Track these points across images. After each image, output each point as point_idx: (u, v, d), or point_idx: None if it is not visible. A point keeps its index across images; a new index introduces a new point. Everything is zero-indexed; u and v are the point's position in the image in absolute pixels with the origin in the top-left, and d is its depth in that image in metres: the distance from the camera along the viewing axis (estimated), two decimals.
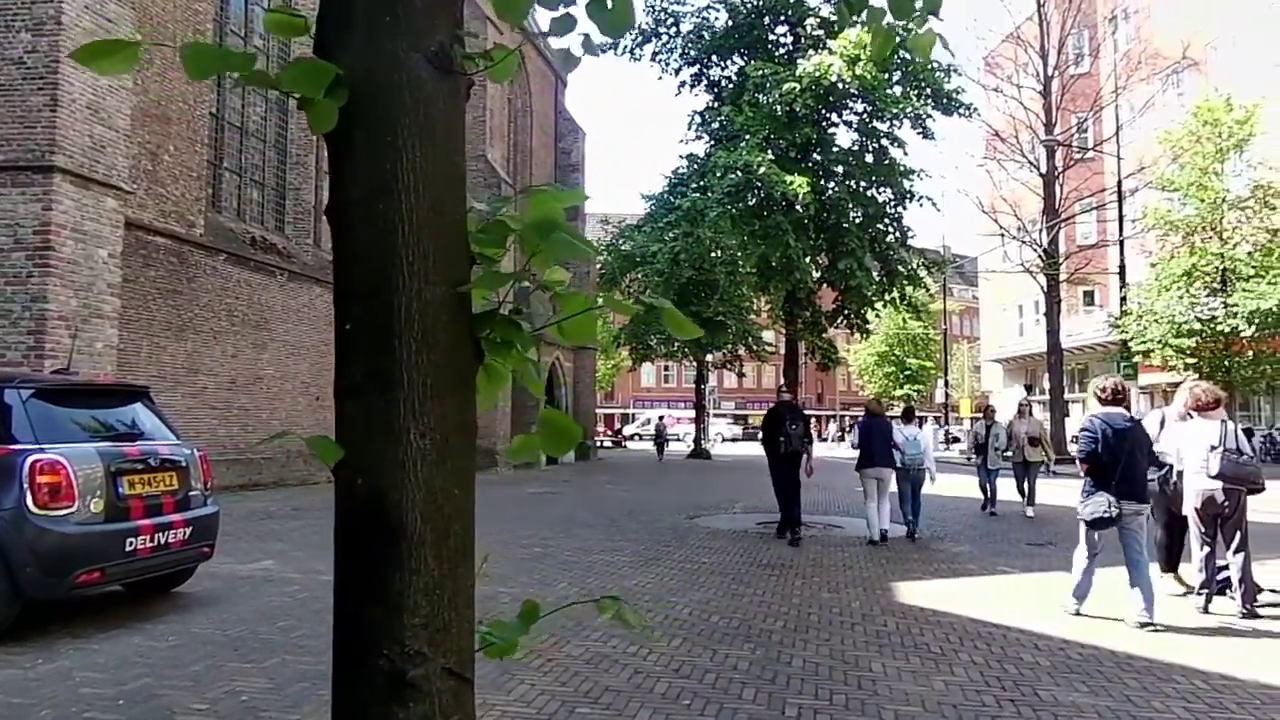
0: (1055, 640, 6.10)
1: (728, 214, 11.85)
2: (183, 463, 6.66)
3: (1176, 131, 25.45)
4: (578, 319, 1.55)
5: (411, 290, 1.43)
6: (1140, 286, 26.34)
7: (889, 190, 13.00)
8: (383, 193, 1.44)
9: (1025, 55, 30.82)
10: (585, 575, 8.26)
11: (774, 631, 6.22)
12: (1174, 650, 5.84)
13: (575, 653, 5.56)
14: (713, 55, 13.80)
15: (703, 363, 35.20)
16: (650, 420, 59.56)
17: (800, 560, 9.45)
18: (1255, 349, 22.87)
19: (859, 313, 13.16)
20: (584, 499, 16.81)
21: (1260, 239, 23.10)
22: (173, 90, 14.50)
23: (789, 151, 12.41)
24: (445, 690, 1.40)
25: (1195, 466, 6.97)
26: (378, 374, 1.42)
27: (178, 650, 5.46)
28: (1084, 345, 35.50)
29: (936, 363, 49.75)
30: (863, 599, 7.42)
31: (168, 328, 14.38)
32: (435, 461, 1.42)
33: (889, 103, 12.27)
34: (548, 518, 13.11)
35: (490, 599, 7.03)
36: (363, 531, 1.40)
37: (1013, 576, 8.65)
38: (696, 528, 12.29)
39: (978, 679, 5.16)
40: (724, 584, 7.97)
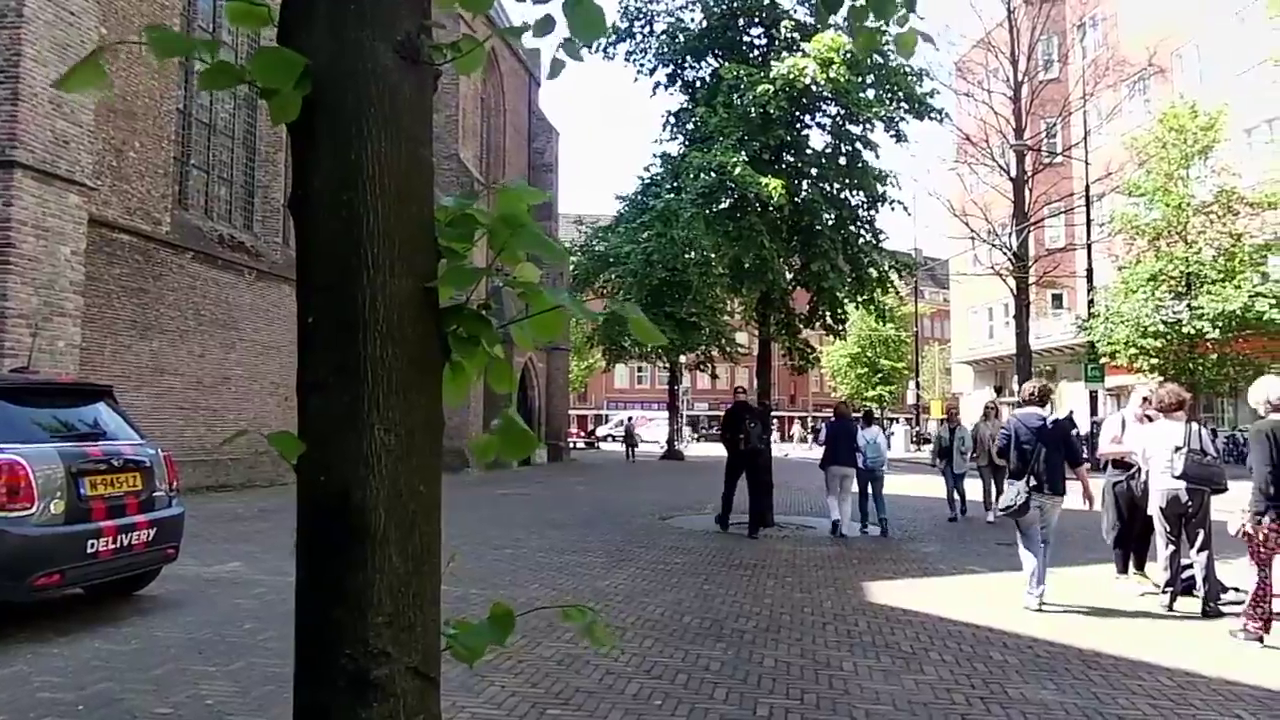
0: (1024, 638, 6.16)
1: (701, 215, 11.84)
2: (147, 463, 6.55)
3: (1143, 137, 25.85)
4: (545, 317, 1.53)
5: (376, 283, 1.40)
6: (1107, 290, 26.72)
7: (862, 193, 13.05)
8: (347, 184, 1.41)
9: (996, 61, 31.17)
10: (557, 576, 8.22)
11: (746, 631, 6.22)
12: (1140, 648, 5.91)
13: (546, 654, 5.53)
14: (687, 56, 13.76)
15: (676, 364, 35.25)
16: (623, 421, 59.63)
17: (773, 560, 9.48)
18: (1219, 351, 23.27)
19: (833, 314, 13.18)
20: (556, 500, 16.75)
21: (1224, 244, 23.50)
22: (138, 86, 14.27)
23: (762, 153, 12.41)
24: (410, 690, 1.37)
25: (1160, 467, 7.07)
26: (341, 368, 1.39)
27: (140, 653, 5.36)
28: (1052, 347, 35.97)
29: (908, 364, 50.17)
30: (834, 599, 7.45)
31: (132, 326, 14.15)
32: (400, 457, 1.39)
33: (862, 106, 12.31)
34: (519, 519, 13.06)
35: (461, 600, 6.97)
36: (325, 528, 1.37)
37: (982, 576, 8.74)
38: (669, 528, 12.30)
39: (948, 677, 5.19)
40: (696, 584, 7.97)
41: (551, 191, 32.24)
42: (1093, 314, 26.10)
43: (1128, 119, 31.99)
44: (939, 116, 13.22)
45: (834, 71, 11.60)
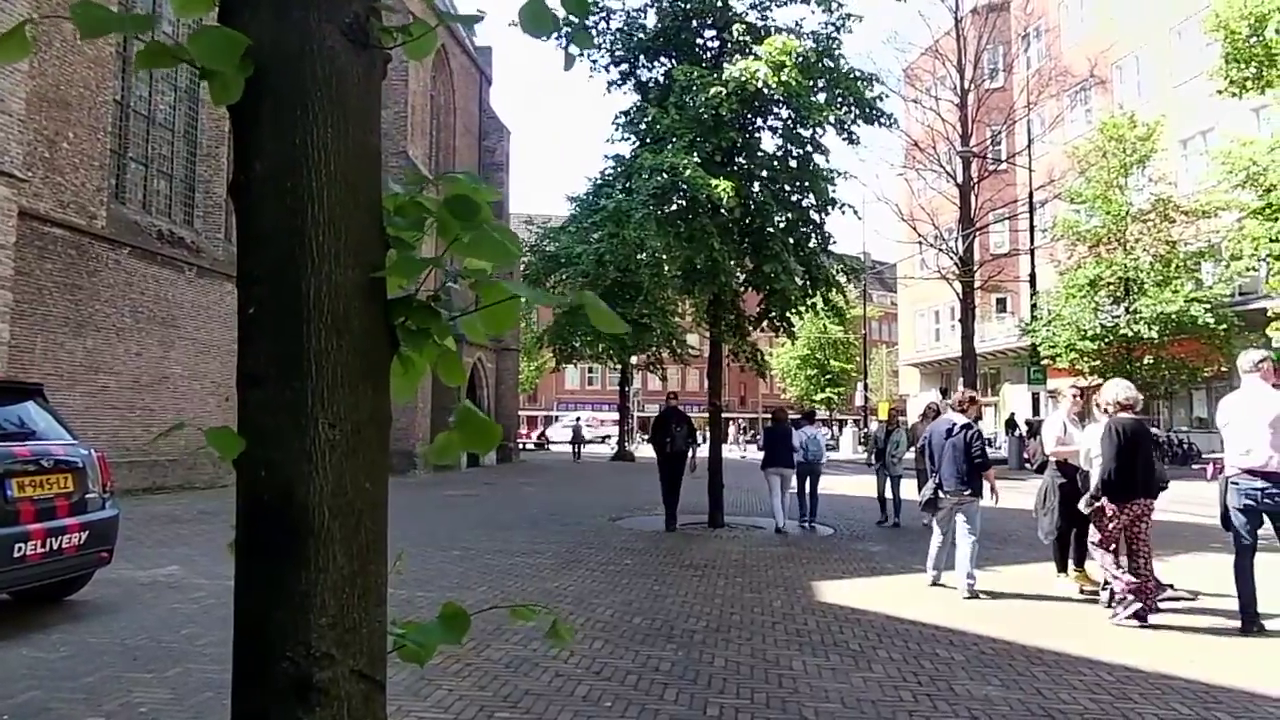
0: (970, 636, 6.26)
1: (653, 216, 11.83)
2: (79, 464, 6.33)
3: (1084, 146, 26.55)
4: (497, 309, 1.49)
5: (321, 273, 1.35)
6: (1049, 294, 27.37)
7: (812, 196, 13.15)
8: (290, 170, 1.36)
9: (944, 69, 31.72)
10: (505, 578, 8.14)
11: (696, 632, 6.22)
12: (1081, 644, 6.04)
13: (495, 656, 5.46)
14: (641, 55, 13.74)
15: (627, 365, 35.24)
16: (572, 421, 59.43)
17: (723, 561, 9.50)
18: (1155, 354, 23.97)
19: (783, 316, 13.28)
20: (505, 501, 16.62)
21: (1160, 250, 24.22)
22: (73, 75, 13.82)
23: (714, 155, 12.45)
24: (354, 694, 1.32)
25: None
26: (284, 361, 1.33)
27: (71, 661, 5.17)
28: (996, 350, 36.75)
29: (857, 367, 50.84)
30: (784, 598, 7.49)
31: (65, 324, 13.69)
32: (345, 453, 1.34)
33: (813, 109, 12.41)
34: (468, 520, 12.92)
35: (406, 603, 6.86)
36: (266, 527, 1.32)
37: (929, 575, 8.81)
38: (619, 529, 12.27)
39: (895, 675, 5.24)
40: (646, 585, 7.95)
41: (502, 191, 32.02)
42: (1035, 317, 26.70)
43: (1070, 128, 32.85)
44: (888, 121, 13.38)
45: (785, 75, 11.68)
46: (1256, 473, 6.27)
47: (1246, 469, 6.29)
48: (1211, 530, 12.19)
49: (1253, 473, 6.27)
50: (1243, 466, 6.31)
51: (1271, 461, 6.23)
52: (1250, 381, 6.53)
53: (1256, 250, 19.14)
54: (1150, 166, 25.34)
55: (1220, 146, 20.05)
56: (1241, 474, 6.33)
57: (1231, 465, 6.42)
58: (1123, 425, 6.79)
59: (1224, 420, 6.48)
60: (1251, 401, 6.39)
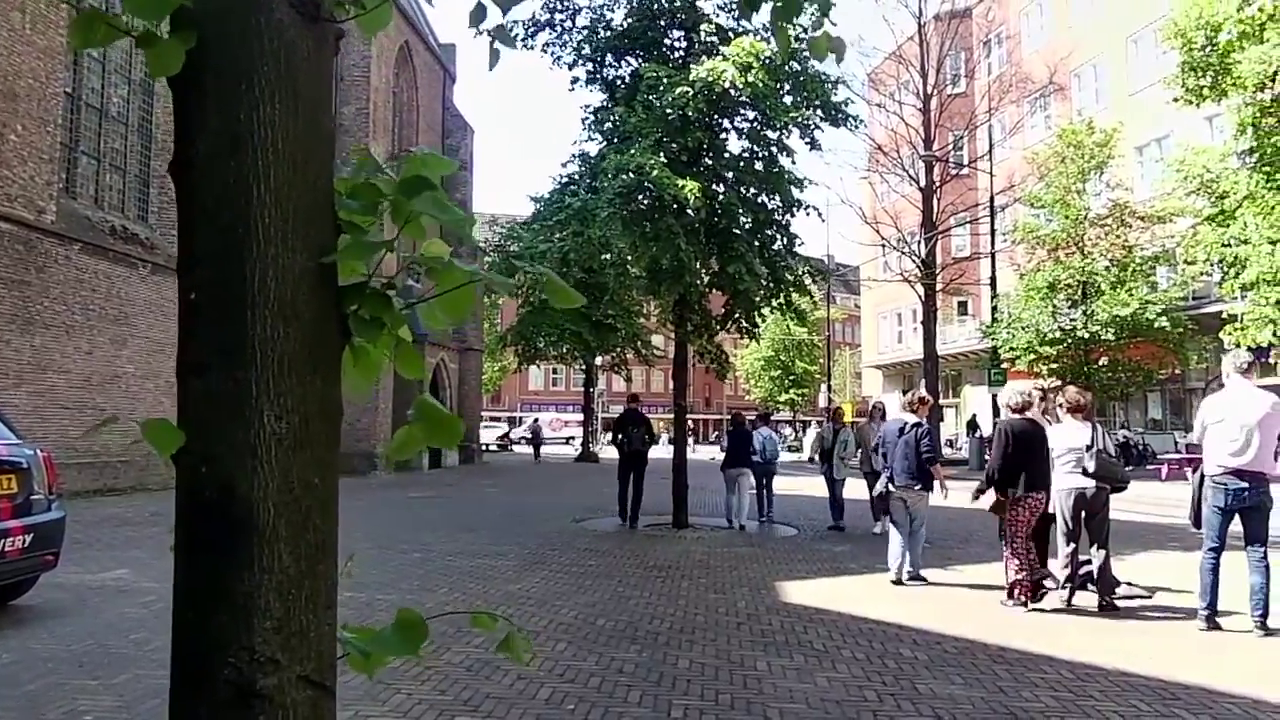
0: (933, 634, 6.28)
1: (618, 215, 11.77)
2: (23, 464, 6.12)
3: (1043, 152, 26.94)
4: (454, 296, 1.42)
5: (267, 256, 1.27)
6: (1009, 297, 27.75)
7: (778, 197, 13.18)
8: (235, 147, 1.29)
9: (907, 74, 32.02)
10: (467, 580, 8.03)
11: (660, 633, 6.17)
12: (1042, 642, 6.08)
13: (456, 659, 5.37)
14: (607, 54, 13.68)
15: (591, 366, 35.16)
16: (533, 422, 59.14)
17: (687, 562, 9.47)
18: (1112, 357, 24.39)
19: (748, 316, 13.29)
20: (468, 503, 16.46)
21: (1117, 255, 24.64)
22: (21, 66, 13.44)
23: (681, 155, 12.42)
24: (301, 701, 1.25)
25: (1067, 466, 7.31)
26: (227, 349, 1.26)
27: (13, 669, 4.99)
28: (958, 352, 37.18)
29: (821, 368, 51.20)
30: (749, 599, 7.47)
31: (12, 321, 13.30)
32: (292, 447, 1.27)
33: (779, 111, 12.43)
34: (429, 522, 12.76)
35: (366, 605, 6.74)
36: (207, 525, 1.24)
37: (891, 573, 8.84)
38: (582, 530, 12.19)
39: (859, 674, 5.24)
40: (611, 586, 7.89)
41: (466, 189, 31.77)
42: (995, 320, 27.04)
43: (1030, 134, 33.33)
44: (854, 124, 13.45)
45: (752, 76, 11.69)
46: (1244, 472, 6.35)
47: (1234, 469, 6.36)
48: (1168, 529, 12.44)
49: (1240, 472, 6.35)
50: (1230, 466, 6.38)
51: (1258, 461, 6.33)
52: (1238, 382, 6.63)
53: (1209, 256, 19.54)
54: (1107, 172, 25.78)
55: (1175, 154, 20.45)
56: (1226, 473, 6.40)
57: (1215, 464, 6.48)
58: (1011, 427, 7.39)
59: (1216, 418, 6.51)
60: (1242, 401, 6.48)
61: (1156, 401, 30.44)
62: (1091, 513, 7.35)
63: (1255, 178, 17.67)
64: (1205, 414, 6.67)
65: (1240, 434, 6.40)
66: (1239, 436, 6.41)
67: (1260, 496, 6.50)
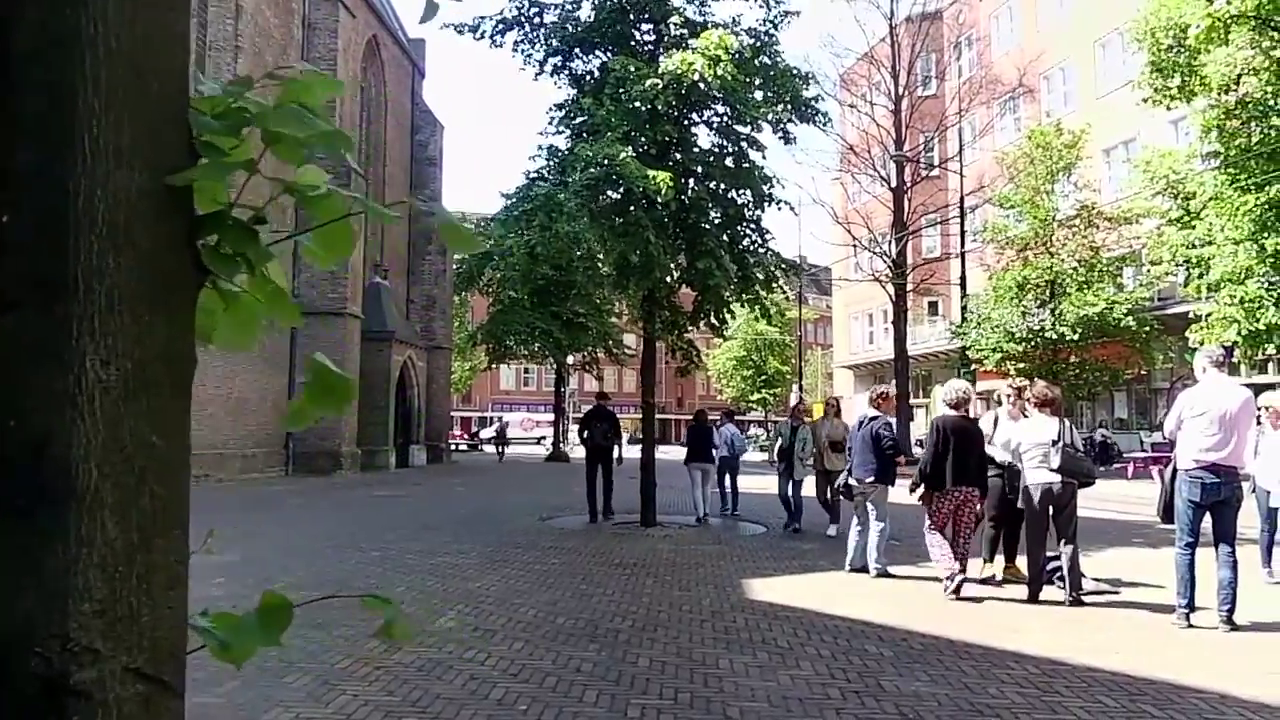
0: (899, 631, 6.15)
1: (586, 208, 11.58)
2: None
3: (1012, 152, 27.09)
4: (333, 229, 1.23)
5: (95, 173, 1.08)
6: (978, 297, 27.87)
7: (748, 193, 13.06)
8: (59, 44, 1.09)
9: (878, 75, 32.11)
10: (426, 578, 7.81)
11: (621, 631, 5.99)
12: (1009, 638, 5.97)
13: (407, 659, 5.15)
14: (576, 48, 13.49)
15: (562, 365, 34.92)
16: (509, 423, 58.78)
17: (654, 560, 9.30)
18: (1079, 356, 24.56)
19: (717, 313, 13.15)
20: (433, 501, 16.19)
21: (1084, 255, 24.82)
22: None
23: (650, 149, 12.27)
24: (129, 698, 1.05)
25: (1034, 461, 7.22)
26: (43, 282, 1.06)
27: None
28: (929, 353, 37.34)
29: (793, 368, 51.29)
30: (713, 596, 7.31)
31: None
32: (122, 397, 1.07)
33: (749, 106, 12.31)
34: (392, 520, 12.49)
35: (320, 609, 6.50)
36: (14, 489, 1.04)
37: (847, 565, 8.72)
38: (548, 529, 11.99)
39: (823, 672, 5.09)
40: (574, 584, 7.70)
41: (435, 185, 31.44)
42: (965, 320, 27.14)
43: (1000, 135, 33.54)
44: (824, 120, 13.36)
45: (721, 69, 11.54)
46: (1219, 467, 6.28)
47: (1210, 463, 6.29)
48: (1133, 525, 12.46)
49: (1215, 466, 6.28)
50: (1207, 460, 6.30)
51: (1234, 455, 6.26)
52: (1216, 375, 6.56)
53: (1174, 256, 19.70)
54: (1075, 174, 25.98)
55: (1142, 156, 20.61)
56: (1202, 467, 6.32)
57: (1190, 458, 6.40)
58: (945, 423, 7.62)
59: (1195, 412, 6.43)
60: (1220, 394, 6.41)
61: (1123, 401, 30.71)
62: (1059, 508, 7.27)
63: (1221, 179, 17.82)
64: (1182, 407, 6.59)
65: (1219, 428, 6.33)
66: (1218, 430, 6.33)
67: (1232, 490, 6.45)
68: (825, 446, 11.46)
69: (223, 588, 7.07)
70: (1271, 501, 8.22)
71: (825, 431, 11.67)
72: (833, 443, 11.36)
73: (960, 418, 7.71)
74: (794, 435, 12.38)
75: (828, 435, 11.55)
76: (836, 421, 11.98)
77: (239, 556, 8.73)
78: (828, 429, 11.70)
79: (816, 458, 11.71)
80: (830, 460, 11.30)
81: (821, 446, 11.57)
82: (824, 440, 11.56)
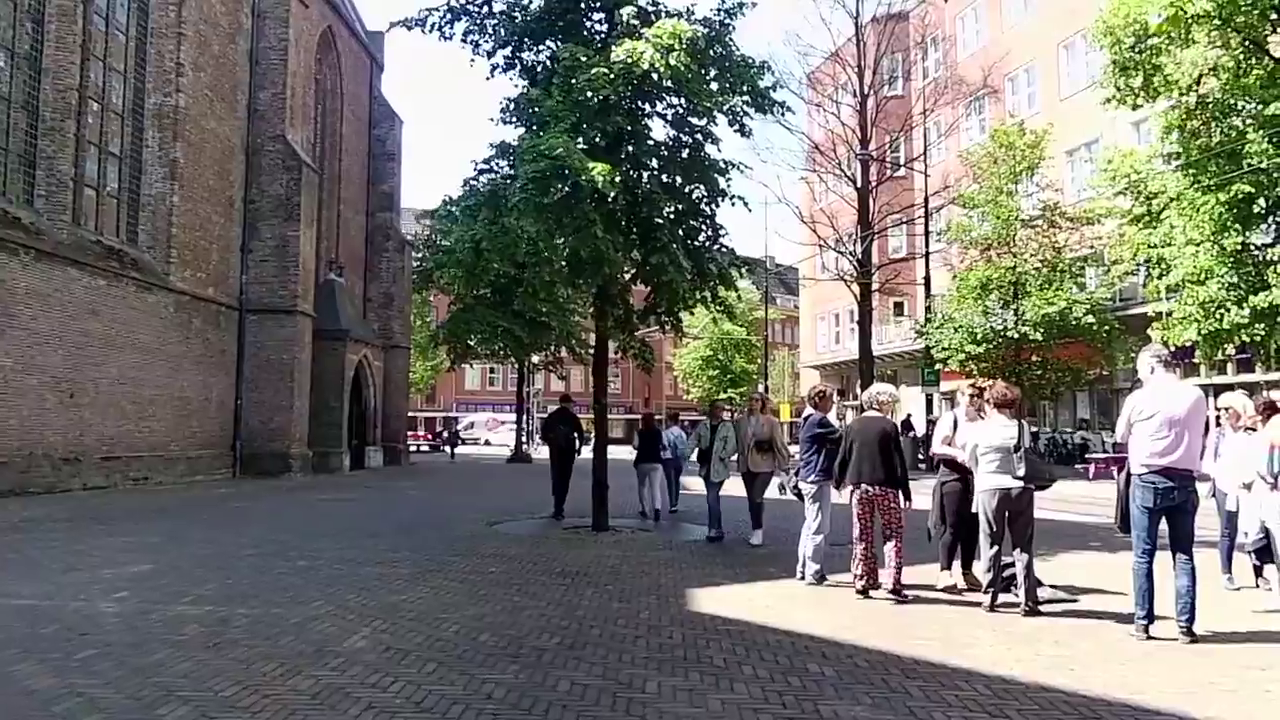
0: (845, 647, 5.77)
1: (532, 201, 11.12)
2: None
3: (976, 152, 27.02)
4: None
5: None
6: (942, 297, 27.77)
7: (703, 187, 12.67)
8: None
9: (844, 74, 31.98)
10: (348, 591, 7.31)
11: (547, 650, 5.55)
12: (960, 653, 5.63)
13: (303, 685, 4.69)
14: (525, 38, 13.03)
15: (525, 365, 34.37)
16: (474, 424, 58.12)
17: (598, 567, 8.87)
18: (1042, 357, 24.50)
19: (671, 311, 12.75)
20: (381, 506, 15.64)
21: (1047, 255, 24.78)
22: None
23: (600, 141, 11.84)
24: None
25: (992, 465, 6.90)
26: None
27: None
28: (894, 353, 37.28)
29: (759, 368, 51.10)
30: (654, 608, 6.89)
31: None
32: None
33: (704, 97, 11.91)
34: (331, 527, 11.95)
35: (222, 622, 6.02)
36: None
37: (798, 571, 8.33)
38: (495, 534, 11.52)
39: (758, 695, 4.70)
40: (507, 596, 7.25)
41: (394, 180, 30.76)
42: (929, 319, 27.02)
43: (964, 136, 33.58)
44: (781, 110, 13.01)
45: (674, 59, 11.14)
46: (1173, 471, 5.98)
47: (1162, 467, 5.99)
48: (1091, 529, 12.26)
49: (1168, 471, 5.98)
50: (1158, 464, 6.00)
51: (1186, 458, 5.97)
52: (1163, 375, 6.27)
53: (1136, 255, 19.62)
54: (1039, 174, 25.96)
55: (1104, 155, 20.50)
56: (1154, 472, 6.02)
57: (1141, 463, 6.10)
58: (855, 423, 7.82)
59: (1147, 414, 6.12)
60: (1169, 396, 6.11)
61: (1085, 401, 30.78)
62: (1015, 513, 6.96)
63: (1182, 180, 17.74)
64: (1130, 410, 6.28)
65: (1169, 431, 6.04)
66: (1167, 433, 6.04)
67: (1187, 495, 6.16)
68: (750, 447, 10.34)
69: (122, 603, 6.57)
70: (1229, 505, 7.97)
71: (751, 430, 10.46)
72: (758, 442, 10.27)
73: (870, 418, 7.69)
74: (713, 435, 11.33)
75: (753, 434, 10.36)
76: (764, 419, 10.80)
77: (152, 566, 8.20)
78: (753, 427, 10.47)
79: (741, 459, 10.60)
80: (755, 461, 10.31)
81: (746, 446, 10.46)
82: (749, 439, 10.40)
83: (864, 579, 7.46)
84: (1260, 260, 17.08)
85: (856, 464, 7.49)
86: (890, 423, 7.71)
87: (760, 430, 10.39)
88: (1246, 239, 16.94)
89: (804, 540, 8.14)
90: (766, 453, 10.23)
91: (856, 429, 7.66)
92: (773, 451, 10.28)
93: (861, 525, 7.50)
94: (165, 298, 18.90)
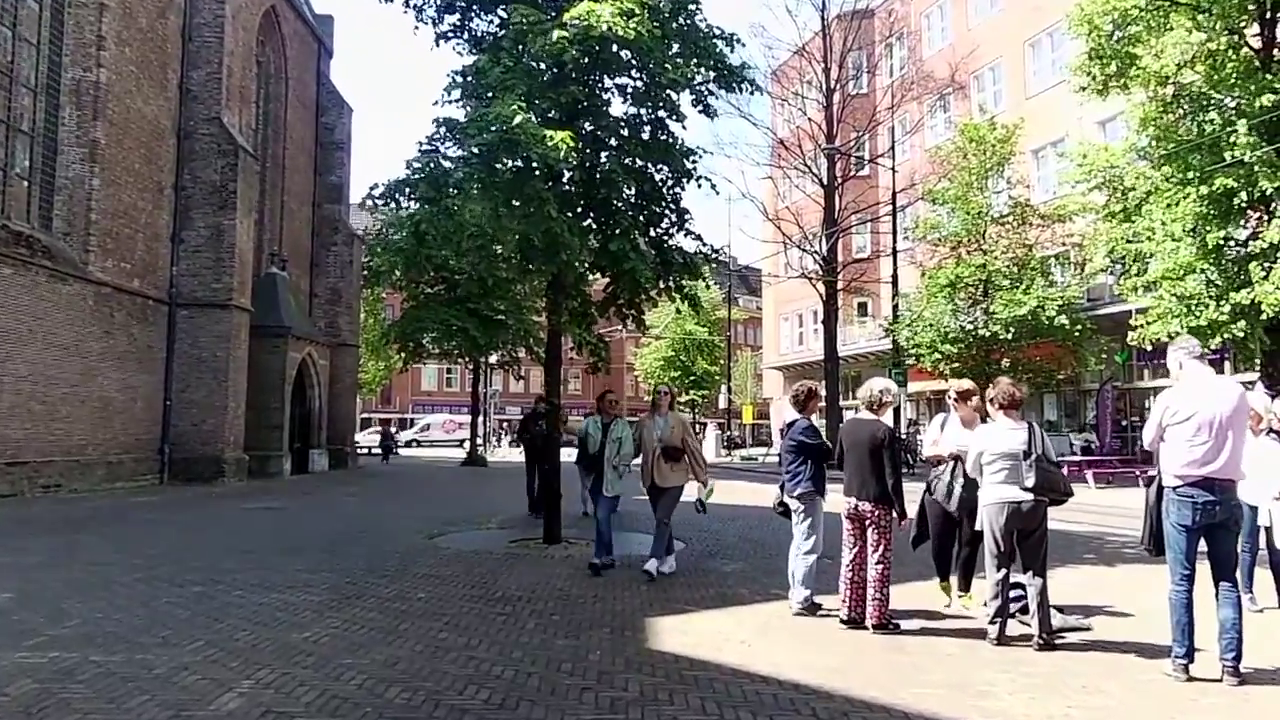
0: (837, 698, 4.74)
1: (476, 177, 9.98)
2: None
3: (945, 147, 26.36)
4: None
5: None
6: (909, 296, 27.05)
7: (666, 168, 11.62)
8: None
9: (810, 70, 31.25)
10: (240, 625, 6.11)
11: (470, 711, 4.44)
12: (974, 704, 4.61)
13: None
14: (474, 4, 11.88)
15: (480, 365, 33.06)
16: (430, 425, 56.51)
17: (544, 590, 7.75)
18: (1012, 357, 23.84)
19: (632, 302, 11.68)
20: (313, 515, 14.33)
21: (1017, 253, 24.16)
22: None
23: (553, 114, 10.72)
24: None
25: (999, 475, 5.93)
26: None
27: None
28: (860, 353, 36.58)
29: (722, 369, 50.22)
30: (606, 648, 5.78)
31: None
32: None
33: (666, 68, 10.84)
34: (248, 541, 10.67)
35: (64, 673, 4.81)
36: None
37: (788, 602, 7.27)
38: (433, 549, 10.32)
39: None
40: (431, 632, 6.10)
41: (343, 171, 29.32)
42: (897, 317, 26.32)
43: (930, 133, 33.01)
44: (749, 89, 12.01)
45: (634, 24, 10.07)
46: (1215, 481, 5.05)
47: (1200, 478, 5.06)
48: (1078, 537, 11.46)
49: (1209, 481, 5.05)
50: (1198, 475, 5.08)
51: (1230, 467, 5.03)
52: (1199, 370, 5.34)
53: (1112, 251, 18.95)
54: (1008, 170, 25.38)
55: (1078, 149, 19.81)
56: (1193, 484, 5.08)
57: (1176, 474, 5.16)
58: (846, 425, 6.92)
59: (1181, 416, 5.18)
60: (1208, 394, 5.18)
61: (1052, 403, 30.28)
62: (1027, 531, 6.00)
63: (1161, 172, 17.10)
64: (1162, 412, 5.33)
65: (1208, 435, 5.11)
66: (1207, 438, 5.11)
67: (1230, 509, 5.23)
68: (657, 454, 8.32)
69: None
70: (1260, 519, 7.07)
71: (657, 433, 8.43)
72: (666, 449, 8.30)
73: (861, 421, 6.73)
74: (605, 435, 9.00)
75: (660, 438, 8.35)
76: (673, 418, 8.75)
77: (11, 595, 6.93)
78: (660, 428, 8.45)
79: (644, 470, 8.53)
80: (662, 474, 8.31)
81: (651, 452, 8.40)
82: (654, 444, 8.38)
83: (848, 608, 6.52)
84: (1241, 255, 16.46)
85: (846, 477, 6.65)
86: (883, 427, 6.60)
87: (668, 434, 8.42)
88: (1228, 234, 16.30)
89: (793, 561, 7.06)
90: (677, 461, 8.36)
91: (846, 435, 6.76)
92: (690, 461, 8.44)
93: (850, 547, 6.57)
94: (83, 289, 17.40)
